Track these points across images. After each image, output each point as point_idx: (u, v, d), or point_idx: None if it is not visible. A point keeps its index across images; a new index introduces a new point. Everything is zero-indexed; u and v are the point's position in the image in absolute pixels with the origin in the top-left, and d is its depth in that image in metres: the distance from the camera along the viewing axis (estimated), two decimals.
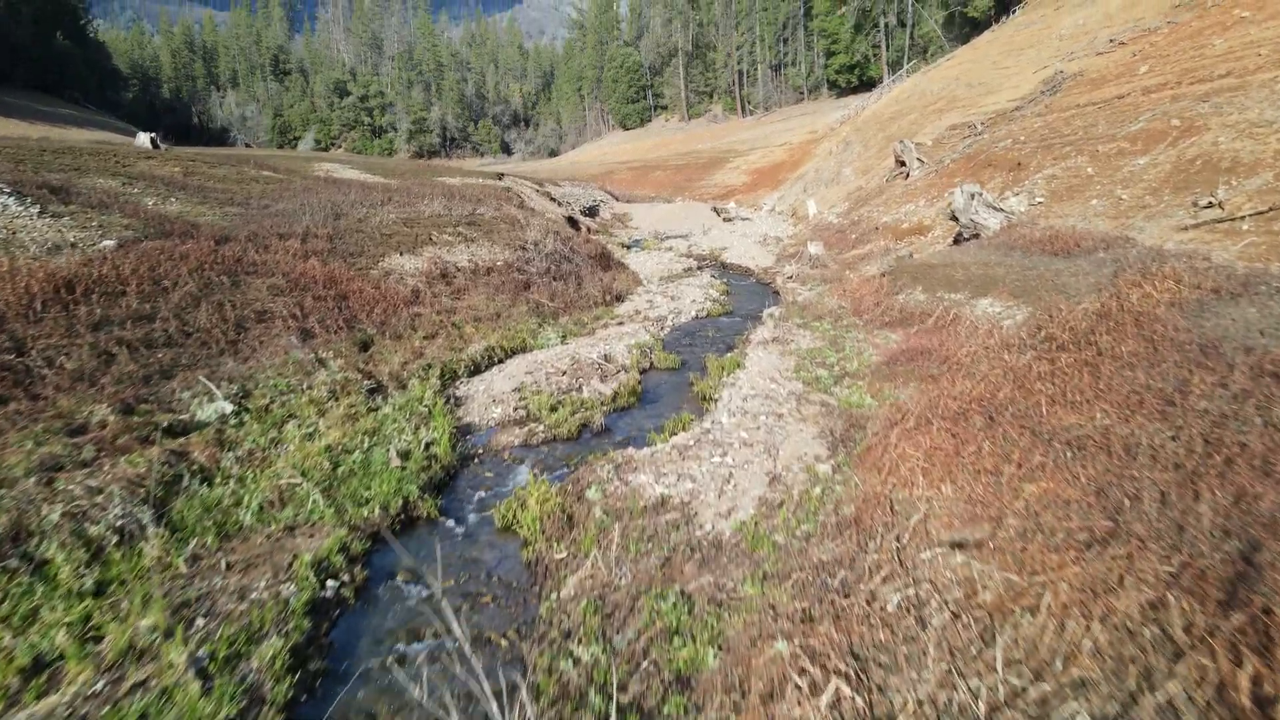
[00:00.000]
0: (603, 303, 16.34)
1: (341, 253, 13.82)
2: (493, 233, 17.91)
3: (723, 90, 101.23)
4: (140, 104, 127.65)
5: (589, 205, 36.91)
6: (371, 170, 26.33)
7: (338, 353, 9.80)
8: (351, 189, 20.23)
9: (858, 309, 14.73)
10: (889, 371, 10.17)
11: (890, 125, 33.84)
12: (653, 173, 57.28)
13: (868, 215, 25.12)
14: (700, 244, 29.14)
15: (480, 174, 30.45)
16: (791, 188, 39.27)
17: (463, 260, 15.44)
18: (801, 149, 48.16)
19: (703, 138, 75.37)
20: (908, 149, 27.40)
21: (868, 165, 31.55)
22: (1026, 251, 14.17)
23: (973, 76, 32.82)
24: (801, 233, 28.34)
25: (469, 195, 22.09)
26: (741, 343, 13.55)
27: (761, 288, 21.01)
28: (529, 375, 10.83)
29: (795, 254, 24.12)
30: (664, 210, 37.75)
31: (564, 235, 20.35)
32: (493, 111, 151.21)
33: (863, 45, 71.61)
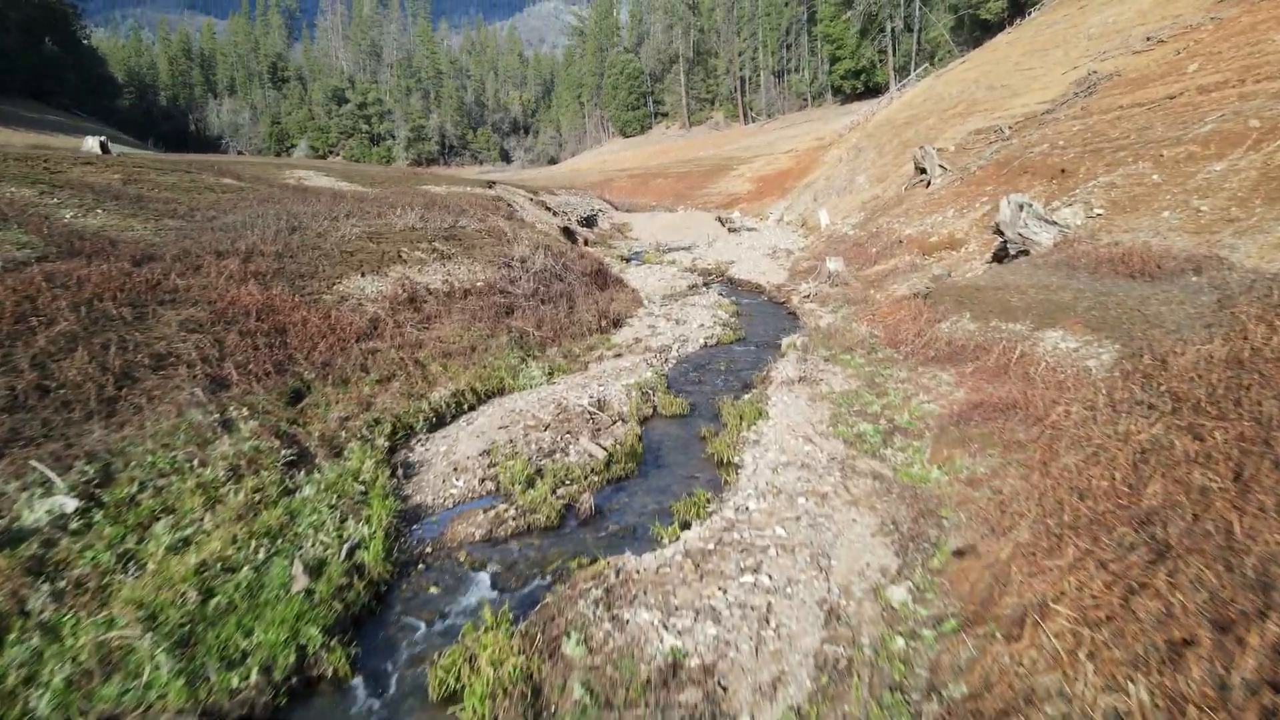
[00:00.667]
0: (598, 329, 14.21)
1: (290, 274, 11.70)
2: (474, 248, 15.80)
3: (724, 97, 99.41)
4: (137, 111, 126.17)
5: (587, 215, 34.87)
6: (350, 178, 24.29)
7: (256, 408, 7.66)
8: (320, 198, 18.14)
9: (894, 338, 12.59)
10: (957, 431, 8.02)
11: (906, 131, 31.79)
12: (653, 181, 55.24)
13: (888, 226, 23.02)
14: (705, 256, 27.03)
15: (470, 182, 28.39)
16: (800, 196, 37.20)
17: (436, 281, 13.32)
18: (808, 156, 46.13)
19: (704, 145, 73.41)
20: (928, 155, 25.34)
21: (883, 172, 29.48)
22: (1093, 272, 12.04)
23: (993, 79, 30.79)
24: (814, 245, 26.24)
25: (452, 205, 20.00)
26: (760, 381, 11.41)
27: (775, 308, 18.89)
28: (503, 430, 8.68)
29: (811, 269, 22.00)
30: (666, 220, 35.70)
31: (556, 250, 18.26)
32: (492, 119, 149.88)
33: (868, 51, 69.72)
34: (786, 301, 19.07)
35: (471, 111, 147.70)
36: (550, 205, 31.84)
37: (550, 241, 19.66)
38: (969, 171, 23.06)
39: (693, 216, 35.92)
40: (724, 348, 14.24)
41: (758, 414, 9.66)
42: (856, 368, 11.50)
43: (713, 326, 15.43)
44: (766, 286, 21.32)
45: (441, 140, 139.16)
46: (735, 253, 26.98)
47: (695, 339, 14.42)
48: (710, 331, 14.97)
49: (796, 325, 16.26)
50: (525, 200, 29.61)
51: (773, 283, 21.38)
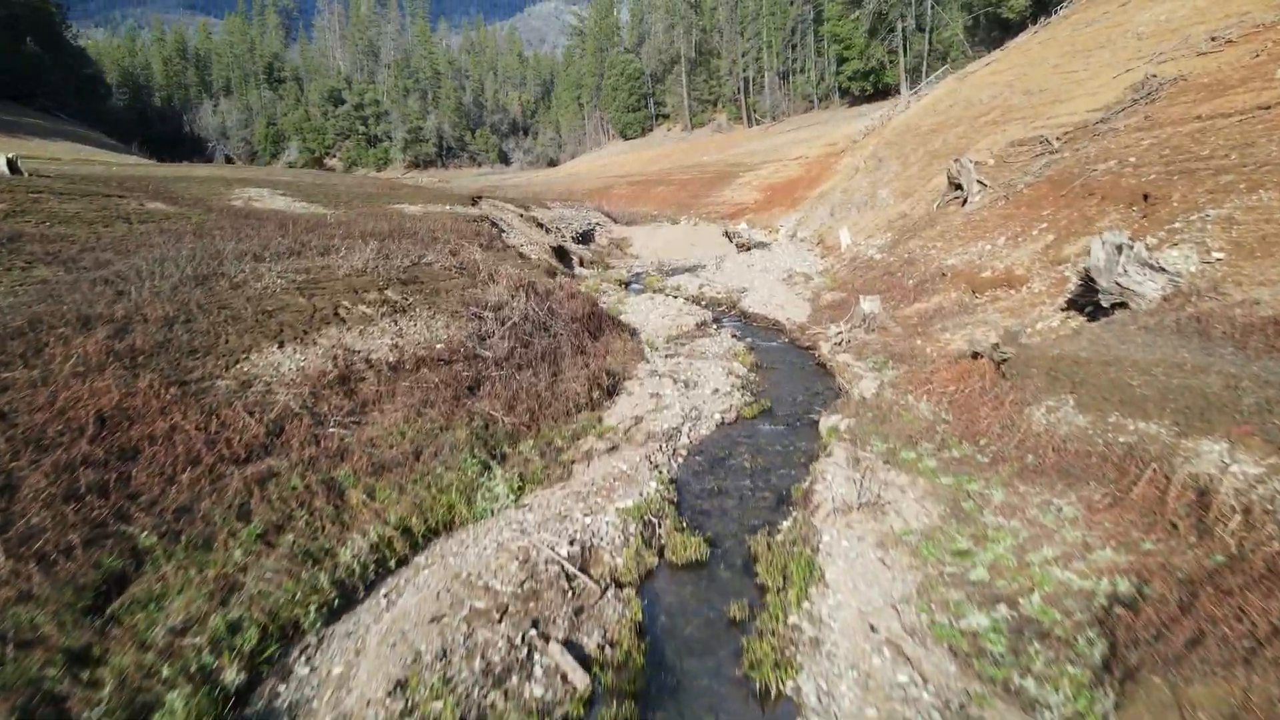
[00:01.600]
0: (588, 402, 11.24)
1: (178, 349, 8.74)
2: (439, 294, 12.82)
3: (727, 98, 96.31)
4: (131, 112, 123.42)
5: (583, 230, 31.91)
6: (310, 197, 21.30)
7: (22, 629, 4.71)
8: (264, 227, 15.17)
9: (969, 426, 9.61)
10: (1151, 648, 5.04)
11: (933, 139, 28.80)
12: (655, 188, 52.21)
13: (923, 253, 20.04)
14: (713, 281, 24.06)
15: (453, 198, 25.40)
16: (813, 209, 34.20)
17: (382, 348, 10.36)
18: (820, 164, 43.12)
19: (708, 148, 70.35)
20: (965, 169, 22.35)
21: (909, 186, 26.50)
22: (1240, 346, 9.07)
23: (1030, 82, 27.79)
24: (836, 270, 23.27)
25: (422, 232, 17.03)
26: (802, 498, 8.44)
27: (800, 355, 15.92)
28: (435, 627, 5.71)
29: (836, 304, 19.02)
30: (668, 235, 32.72)
31: (542, 288, 15.28)
32: (491, 120, 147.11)
33: (878, 51, 66.65)
34: (813, 347, 16.09)
35: (470, 112, 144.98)
36: (543, 221, 28.87)
37: (536, 275, 16.69)
38: (1015, 189, 20.09)
39: (698, 231, 32.94)
40: (746, 425, 11.27)
41: (808, 570, 6.72)
42: (930, 477, 8.53)
43: (729, 391, 12.45)
44: (787, 325, 18.33)
45: (439, 142, 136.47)
46: (746, 277, 24.00)
47: (709, 413, 11.44)
48: (727, 401, 11.99)
49: (831, 386, 13.27)
50: (515, 217, 26.64)
51: (794, 321, 18.38)
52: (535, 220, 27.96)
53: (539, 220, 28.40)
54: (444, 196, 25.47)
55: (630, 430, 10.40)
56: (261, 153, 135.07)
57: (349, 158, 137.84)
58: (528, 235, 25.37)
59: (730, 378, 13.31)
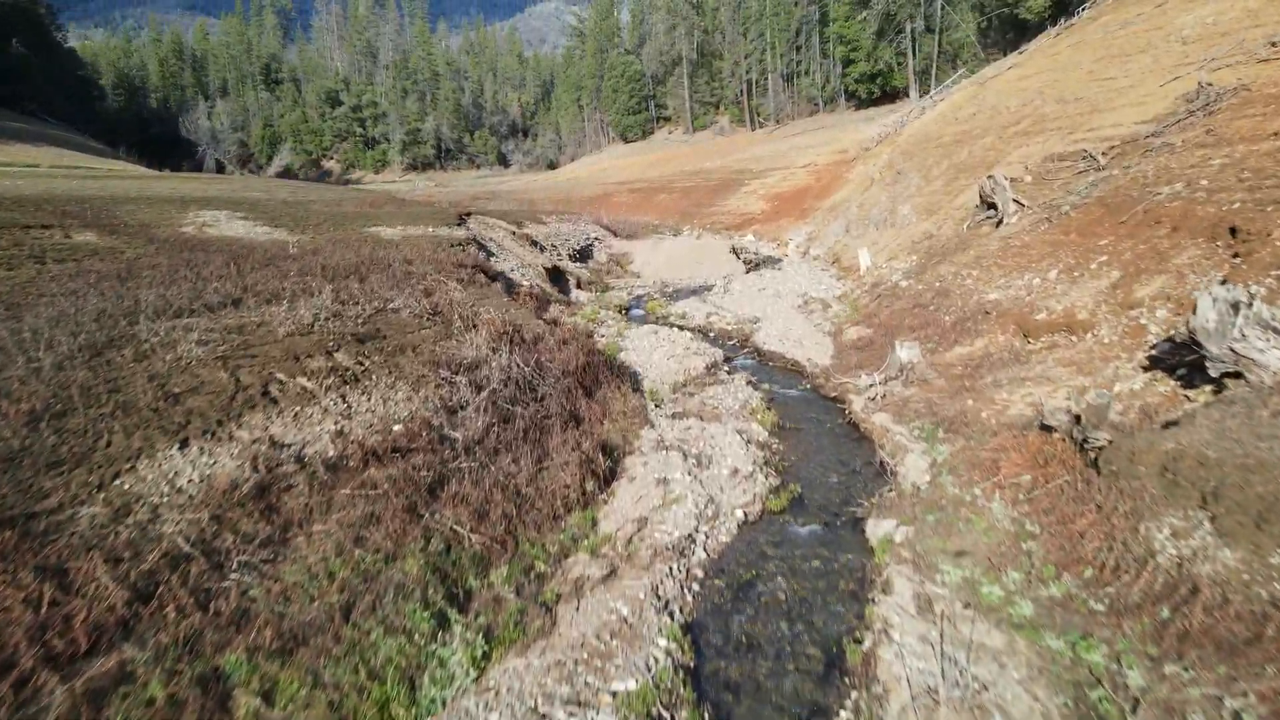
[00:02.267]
0: (579, 497, 9.07)
1: (33, 462, 6.59)
2: (403, 352, 10.65)
3: (730, 101, 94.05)
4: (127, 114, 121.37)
5: (581, 246, 29.74)
6: (277, 219, 19.05)
7: None
8: (208, 264, 12.99)
9: (1066, 550, 7.43)
10: None
11: (957, 150, 26.60)
12: (657, 196, 49.98)
13: (958, 282, 17.86)
14: (722, 308, 21.90)
15: (437, 219, 23.20)
16: (825, 222, 32.01)
17: (322, 437, 8.20)
18: (829, 172, 40.92)
19: (710, 153, 68.13)
20: (1000, 187, 20.17)
21: (933, 202, 24.32)
22: None
23: (1063, 89, 25.58)
24: (857, 297, 21.09)
25: (394, 265, 14.85)
26: (862, 672, 6.27)
27: (827, 410, 13.74)
28: None
29: (864, 344, 16.85)
30: (671, 250, 30.53)
31: (530, 333, 13.12)
32: (490, 122, 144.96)
33: (886, 53, 64.40)
34: (841, 400, 13.91)
35: (469, 114, 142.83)
36: (537, 239, 26.69)
37: (523, 314, 14.53)
38: (1059, 211, 17.90)
39: (703, 246, 30.74)
40: (773, 523, 9.10)
41: None
42: (1031, 635, 6.37)
43: (751, 472, 10.28)
44: (808, 368, 16.16)
45: (438, 143, 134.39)
46: (758, 303, 21.83)
47: (728, 507, 9.28)
48: (749, 487, 9.82)
49: (870, 459, 11.09)
50: (506, 236, 24.45)
51: (816, 363, 16.20)
52: (529, 239, 25.79)
53: (533, 239, 26.22)
54: (427, 216, 23.25)
55: (632, 541, 8.23)
56: (258, 154, 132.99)
57: (346, 160, 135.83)
58: (520, 256, 23.20)
59: (750, 449, 11.14)
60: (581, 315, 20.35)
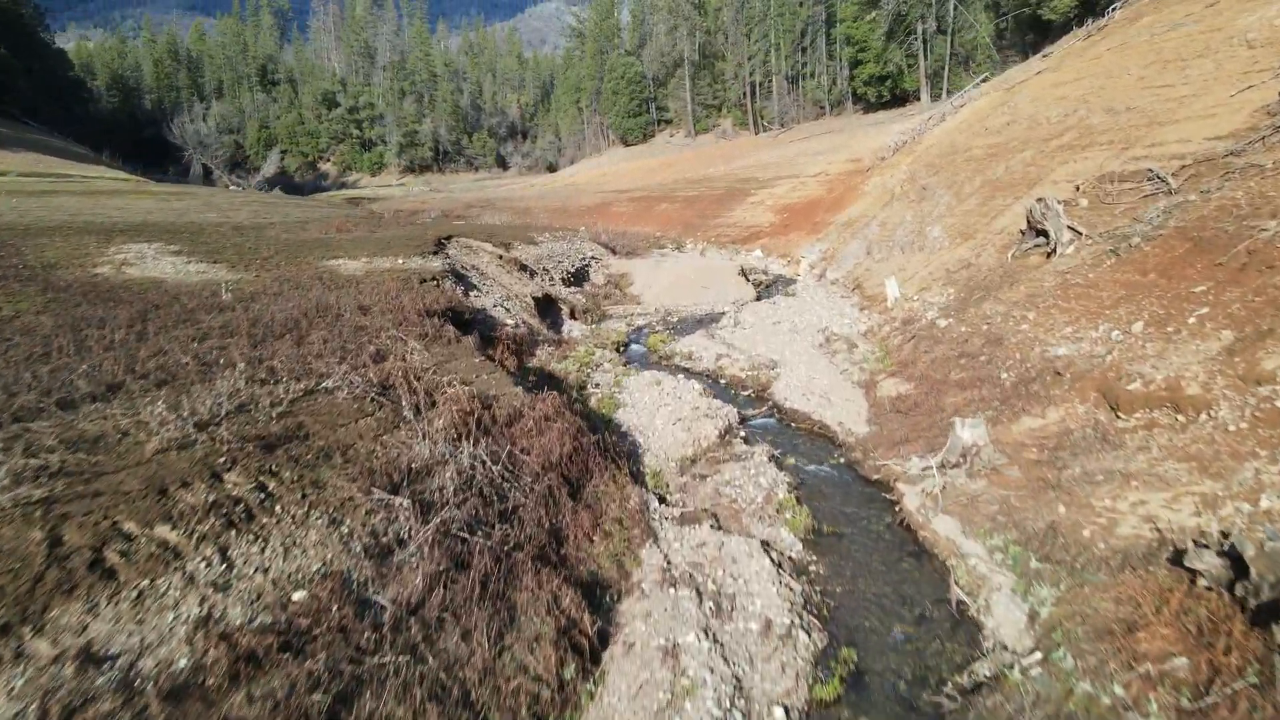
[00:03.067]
0: (553, 697, 6.40)
1: None
2: (328, 459, 8.01)
3: (732, 103, 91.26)
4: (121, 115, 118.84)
5: (576, 267, 27.09)
6: (219, 252, 16.30)
7: None
8: (105, 323, 10.35)
9: None
10: None
11: (992, 165, 23.91)
12: (658, 206, 47.24)
13: (1010, 326, 15.18)
14: (733, 347, 19.24)
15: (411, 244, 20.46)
16: (842, 240, 29.32)
17: (174, 634, 5.57)
18: (842, 182, 38.21)
19: (714, 158, 65.38)
20: (1052, 212, 17.50)
21: (968, 225, 21.64)
22: None
23: (1111, 98, 22.90)
24: (887, 335, 18.42)
25: (345, 317, 12.18)
26: None
27: (870, 501, 11.08)
28: None
29: (905, 403, 14.17)
30: (675, 270, 27.85)
31: (505, 410, 10.47)
32: (489, 123, 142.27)
33: (896, 55, 61.62)
34: (888, 488, 11.28)
35: (467, 115, 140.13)
36: (527, 262, 24.02)
37: (498, 379, 11.87)
38: (1128, 243, 15.22)
39: (709, 269, 28.05)
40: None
41: None
42: None
43: (788, 625, 7.61)
44: (841, 435, 13.49)
45: (435, 146, 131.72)
46: (774, 342, 19.15)
47: (762, 702, 6.63)
48: (788, 659, 7.17)
49: (941, 593, 8.43)
50: (491, 262, 21.77)
51: (851, 430, 13.52)
52: (518, 263, 23.11)
53: (522, 262, 23.55)
54: (400, 243, 20.48)
55: None
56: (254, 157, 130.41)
57: (343, 162, 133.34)
58: (506, 286, 20.54)
59: (783, 579, 8.47)
60: (574, 358, 17.71)
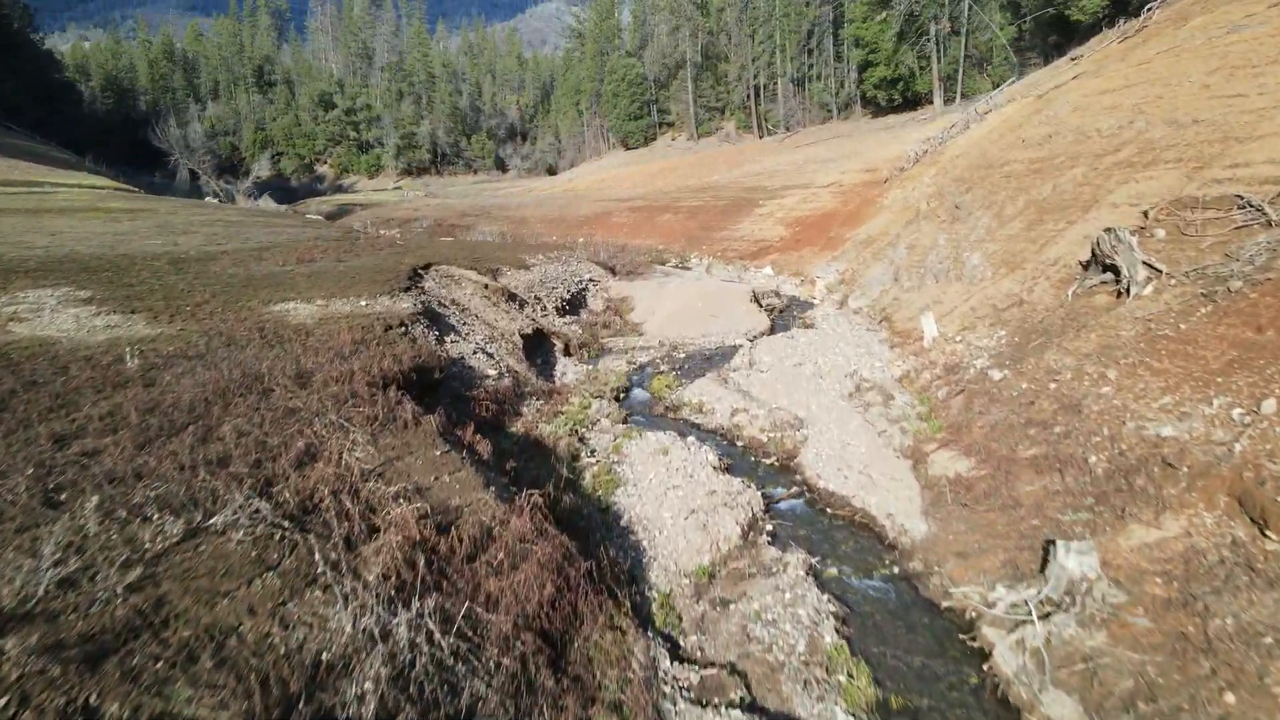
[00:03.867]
0: None
1: None
2: (182, 680, 5.42)
3: (736, 106, 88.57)
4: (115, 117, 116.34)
5: (572, 292, 24.48)
6: (143, 296, 13.52)
7: None
8: None
9: None
10: None
11: (1036, 183, 21.26)
12: (660, 216, 44.58)
13: (1087, 389, 12.51)
14: (750, 394, 16.64)
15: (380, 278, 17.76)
16: (863, 260, 26.69)
17: None
18: (858, 194, 35.56)
19: (717, 164, 62.71)
20: (1124, 245, 14.85)
21: (1013, 252, 19.01)
22: None
23: (1173, 108, 20.27)
24: (928, 385, 15.78)
25: (277, 391, 9.58)
26: None
27: (942, 644, 8.45)
28: None
29: (969, 489, 11.52)
30: (679, 295, 25.23)
31: (469, 535, 7.87)
32: (488, 125, 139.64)
33: (908, 57, 58.95)
34: (965, 623, 8.69)
35: (466, 117, 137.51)
36: (517, 290, 21.40)
37: (465, 480, 9.27)
38: (1228, 288, 12.57)
39: (718, 291, 25.40)
40: None
41: None
42: None
43: None
44: (892, 534, 10.86)
45: (433, 148, 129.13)
46: (797, 391, 16.52)
47: None
48: None
49: None
50: (476, 294, 19.13)
51: (904, 527, 10.88)
52: (506, 292, 20.48)
53: (511, 291, 20.92)
54: (368, 276, 17.76)
55: None
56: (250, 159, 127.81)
57: (340, 164, 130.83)
58: (491, 324, 17.93)
59: None
60: (566, 414, 15.10)
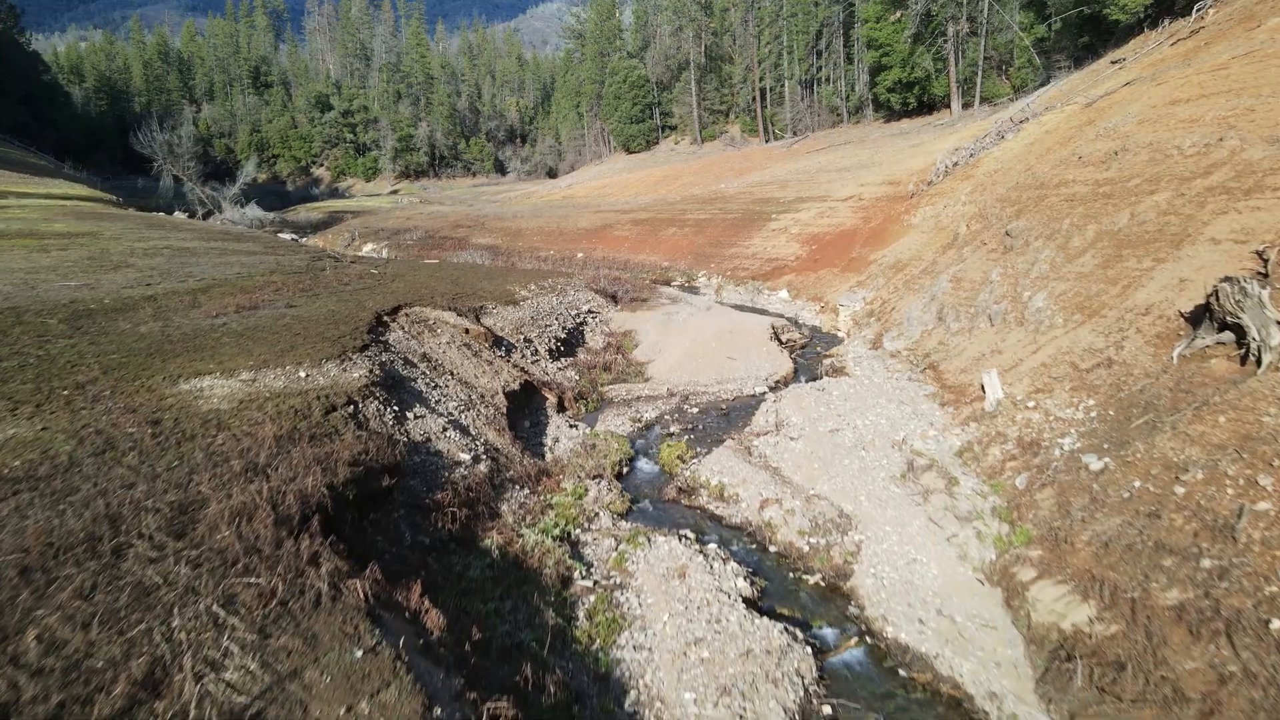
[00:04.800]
0: None
1: None
2: None
3: (741, 109, 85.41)
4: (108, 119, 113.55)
5: (569, 327, 21.43)
6: (18, 366, 10.66)
7: None
8: None
9: None
10: None
11: (1108, 210, 18.16)
12: (665, 230, 41.48)
13: (1232, 499, 9.50)
14: (781, 475, 13.59)
15: (332, 340, 14.64)
16: (893, 289, 23.62)
17: None
18: (880, 210, 32.46)
19: (723, 171, 59.59)
20: (1251, 300, 11.79)
21: (1088, 294, 15.92)
22: None
23: (1272, 123, 17.19)
24: (996, 463, 12.69)
25: (134, 546, 6.57)
26: None
27: None
28: None
29: (1098, 655, 8.44)
30: (690, 332, 22.12)
31: None
32: (487, 127, 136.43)
33: (924, 59, 55.79)
34: None
35: (465, 119, 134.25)
36: (504, 332, 18.36)
37: None
38: None
39: (733, 328, 22.29)
40: None
41: None
42: None
43: None
44: None
45: (431, 151, 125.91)
46: (837, 471, 13.46)
47: None
48: None
49: None
50: (452, 343, 16.07)
51: (1011, 712, 7.93)
52: (490, 336, 17.43)
53: (496, 333, 17.87)
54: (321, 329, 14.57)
55: None
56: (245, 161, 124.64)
57: (337, 168, 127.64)
58: (469, 382, 14.87)
59: None
60: (556, 510, 12.05)
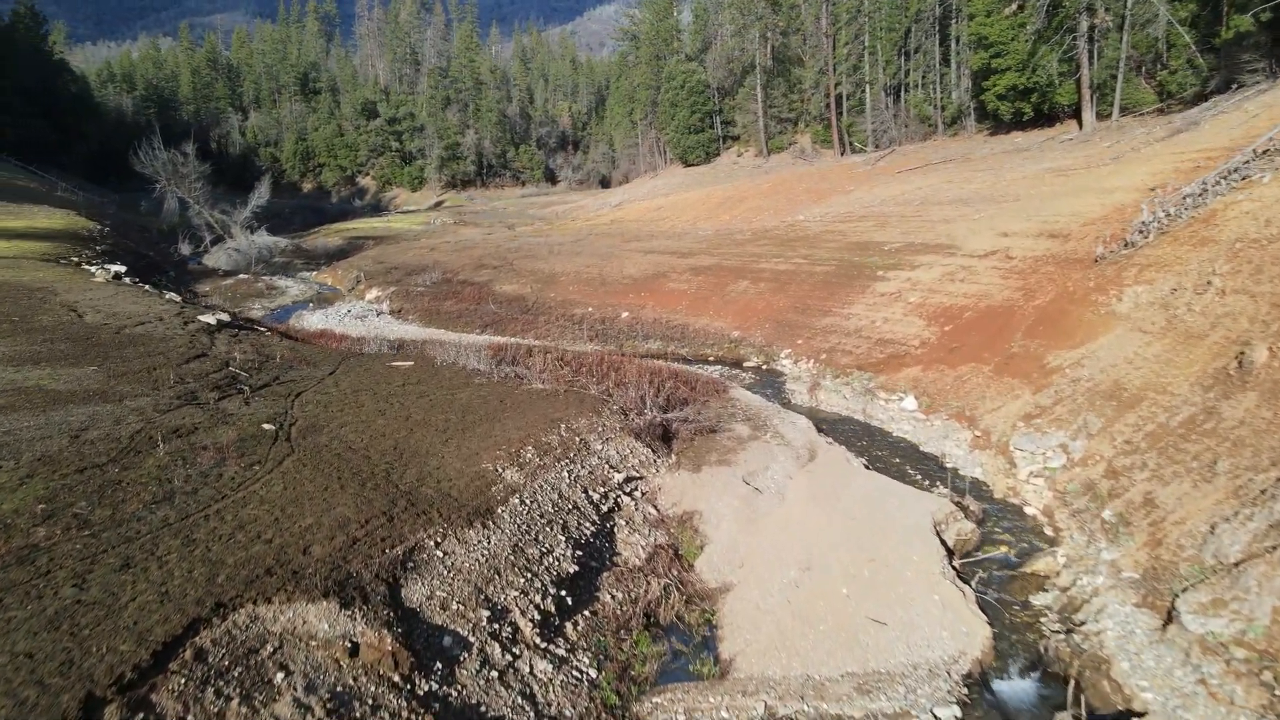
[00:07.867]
0: None
1: None
2: None
3: (813, 117, 75.25)
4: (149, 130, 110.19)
5: (589, 534, 12.58)
6: None
7: None
8: None
9: None
10: None
11: None
12: (734, 285, 32.30)
13: None
14: None
15: None
16: (1128, 448, 14.11)
17: None
18: (1050, 281, 22.58)
19: (798, 192, 49.94)
20: None
21: None
22: None
23: None
24: None
25: None
26: None
27: None
28: None
29: None
30: (796, 531, 13.05)
31: None
32: (538, 133, 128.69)
33: (1050, 58, 45.06)
34: None
35: (515, 125, 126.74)
36: (446, 616, 9.62)
37: None
38: None
39: (871, 521, 13.07)
40: None
41: None
42: None
43: None
44: None
45: (479, 159, 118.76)
46: None
47: None
48: None
49: None
50: (313, 695, 7.52)
51: None
52: (398, 657, 8.66)
53: (421, 636, 9.13)
54: None
55: None
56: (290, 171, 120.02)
57: (382, 176, 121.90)
58: None
59: None
60: None
